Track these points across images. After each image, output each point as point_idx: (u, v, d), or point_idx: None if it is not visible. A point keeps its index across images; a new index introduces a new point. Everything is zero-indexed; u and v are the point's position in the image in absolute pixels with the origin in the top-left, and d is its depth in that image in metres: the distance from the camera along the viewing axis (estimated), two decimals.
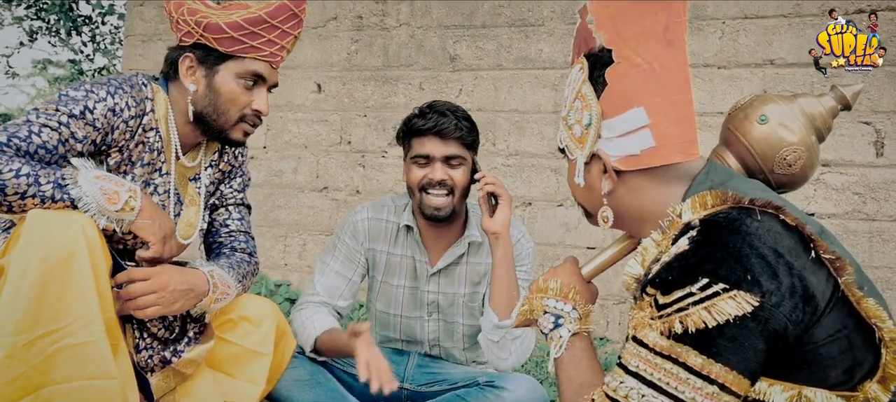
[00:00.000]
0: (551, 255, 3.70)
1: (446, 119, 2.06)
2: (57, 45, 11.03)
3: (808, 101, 1.33)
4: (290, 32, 1.83)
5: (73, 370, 1.50)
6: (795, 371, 1.06)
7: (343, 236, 2.27)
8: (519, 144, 3.78)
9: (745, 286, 1.01)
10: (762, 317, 1.01)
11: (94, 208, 1.55)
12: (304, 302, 2.24)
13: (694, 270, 1.05)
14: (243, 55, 1.77)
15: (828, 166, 3.30)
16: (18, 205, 1.51)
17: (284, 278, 4.22)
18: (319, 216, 4.19)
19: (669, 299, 1.05)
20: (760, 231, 1.06)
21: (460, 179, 2.10)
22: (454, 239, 2.23)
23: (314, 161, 4.21)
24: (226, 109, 1.79)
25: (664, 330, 1.05)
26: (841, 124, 3.27)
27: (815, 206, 3.31)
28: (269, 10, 1.77)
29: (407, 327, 2.28)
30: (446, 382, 2.21)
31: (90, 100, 1.66)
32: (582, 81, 1.25)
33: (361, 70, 4.11)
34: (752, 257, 1.03)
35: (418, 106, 2.15)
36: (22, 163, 1.52)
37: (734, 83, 3.43)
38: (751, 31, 3.43)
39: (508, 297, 2.01)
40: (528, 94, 3.79)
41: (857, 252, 3.24)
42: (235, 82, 1.78)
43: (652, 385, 1.05)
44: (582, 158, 1.26)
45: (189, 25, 1.76)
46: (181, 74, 1.79)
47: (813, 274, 1.06)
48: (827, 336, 1.05)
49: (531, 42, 3.79)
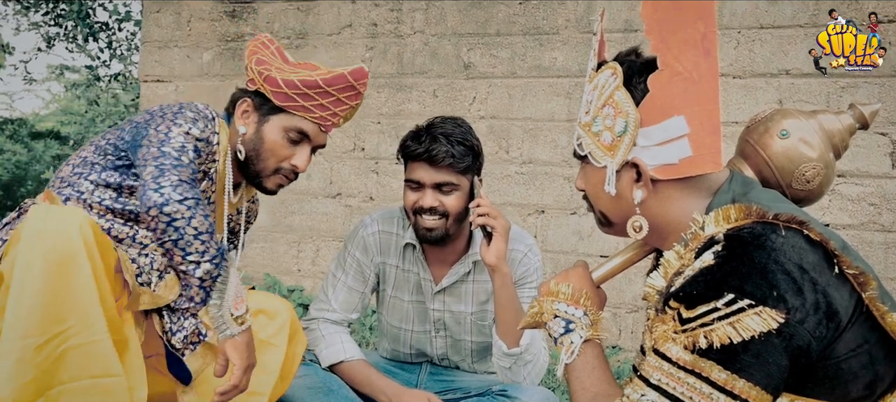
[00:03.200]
0: (564, 263, 3.70)
1: (437, 146, 1.99)
2: (74, 50, 11.14)
3: (827, 118, 1.33)
4: (347, 103, 1.91)
5: (79, 370, 1.53)
6: (817, 387, 1.06)
7: (353, 251, 2.25)
8: (532, 152, 3.78)
9: (771, 303, 1.01)
10: (787, 333, 1.01)
11: (225, 302, 1.62)
12: (320, 316, 2.24)
13: (719, 285, 1.04)
14: (294, 112, 1.85)
15: (843, 177, 3.29)
16: (184, 243, 1.59)
17: (297, 284, 4.23)
18: (333, 223, 4.21)
19: (694, 314, 1.05)
20: (785, 247, 1.06)
21: (453, 205, 2.04)
22: (457, 257, 2.19)
23: (328, 168, 4.23)
24: (266, 158, 1.87)
25: (688, 344, 1.05)
26: (857, 135, 3.24)
27: (831, 217, 3.29)
28: (327, 78, 1.86)
29: (417, 340, 2.28)
30: (460, 390, 2.20)
31: (193, 131, 1.74)
32: (615, 86, 1.21)
33: (375, 77, 4.13)
34: (777, 274, 1.03)
35: (418, 125, 2.10)
36: (207, 214, 1.63)
37: (749, 93, 3.42)
38: (766, 41, 3.42)
39: (514, 324, 1.97)
40: (541, 102, 3.79)
41: (873, 263, 3.22)
42: (281, 135, 1.86)
43: (674, 399, 1.05)
44: (613, 167, 1.23)
45: (254, 73, 1.86)
46: (236, 115, 1.89)
47: (836, 290, 1.06)
48: (848, 351, 1.05)
49: (545, 50, 3.80)
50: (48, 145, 11.13)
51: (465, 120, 2.12)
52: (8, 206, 8.19)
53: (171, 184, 1.60)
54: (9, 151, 10.34)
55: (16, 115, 15.40)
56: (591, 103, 1.27)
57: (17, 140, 10.98)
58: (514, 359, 2.01)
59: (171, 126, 1.71)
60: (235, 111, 1.89)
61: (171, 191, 1.59)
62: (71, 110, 14.75)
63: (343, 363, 2.14)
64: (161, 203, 1.57)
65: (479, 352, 2.26)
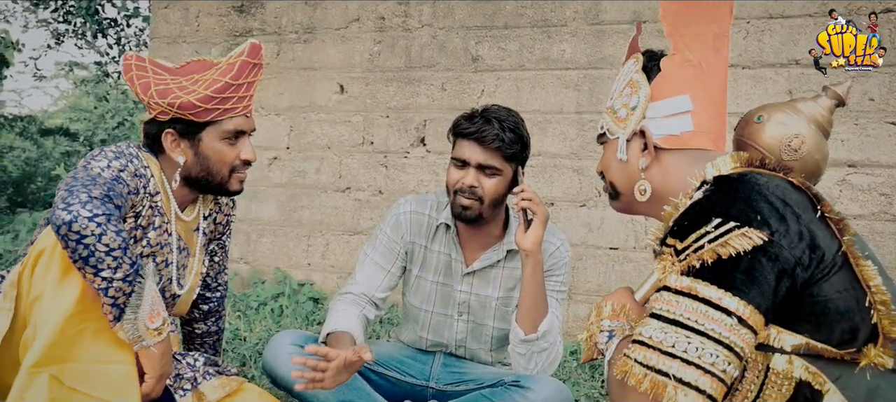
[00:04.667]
0: (574, 255, 3.70)
1: (489, 127, 2.04)
2: (83, 47, 11.18)
3: (803, 103, 1.44)
4: (254, 79, 1.93)
5: (92, 352, 1.59)
6: (803, 322, 1.12)
7: (385, 228, 2.28)
8: (541, 145, 3.78)
9: (755, 224, 1.10)
10: (772, 253, 1.09)
11: (140, 316, 1.61)
12: (344, 292, 2.26)
13: (707, 212, 1.14)
14: (220, 119, 1.87)
15: (854, 167, 3.28)
16: (95, 261, 1.55)
17: (307, 278, 4.24)
18: (342, 216, 4.22)
19: (686, 243, 1.14)
20: (769, 184, 1.17)
21: (491, 188, 2.08)
22: (492, 243, 2.23)
23: (337, 162, 4.24)
24: (218, 170, 1.90)
25: (684, 270, 1.13)
26: (868, 125, 3.25)
27: (842, 207, 3.28)
28: (233, 73, 1.87)
29: (436, 324, 2.29)
30: (473, 382, 2.21)
31: (114, 165, 1.74)
32: (636, 70, 1.41)
33: (384, 71, 4.13)
34: (761, 202, 1.13)
35: (473, 108, 2.14)
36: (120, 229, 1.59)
37: (759, 83, 3.41)
38: (776, 31, 3.40)
39: (536, 312, 2.02)
40: (550, 94, 3.79)
41: (884, 253, 3.21)
42: (220, 143, 1.89)
43: (675, 322, 1.12)
44: (624, 136, 1.40)
45: (162, 106, 1.84)
46: (167, 148, 1.89)
47: (819, 229, 1.15)
48: (835, 292, 1.12)
49: (554, 42, 3.79)
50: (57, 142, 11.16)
51: (518, 113, 2.17)
52: (18, 202, 8.23)
53: (79, 201, 1.55)
54: (19, 147, 10.38)
55: (25, 112, 15.48)
56: (616, 90, 1.46)
57: (27, 137, 11.02)
58: (530, 345, 2.04)
59: (89, 162, 1.72)
60: (165, 145, 1.88)
61: (80, 208, 1.54)
62: (80, 107, 14.82)
63: (329, 335, 2.11)
64: (68, 220, 1.52)
65: (499, 340, 2.27)
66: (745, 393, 1.13)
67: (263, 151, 4.35)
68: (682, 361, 1.09)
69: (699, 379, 1.08)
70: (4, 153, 9.75)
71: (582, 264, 3.71)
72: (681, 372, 1.09)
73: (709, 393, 1.08)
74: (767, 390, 1.12)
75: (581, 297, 3.72)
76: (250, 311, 3.85)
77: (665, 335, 1.11)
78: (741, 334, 1.09)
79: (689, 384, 1.08)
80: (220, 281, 2.24)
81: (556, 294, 2.19)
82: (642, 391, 1.11)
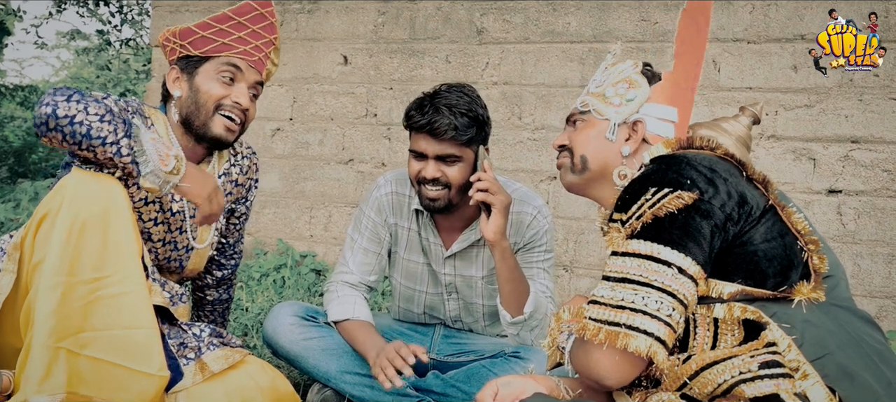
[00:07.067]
0: (575, 229, 3.71)
1: (440, 118, 1.97)
2: (85, 15, 11.12)
3: (726, 122, 1.52)
4: (264, 34, 1.95)
5: (111, 319, 1.59)
6: (737, 271, 1.24)
7: (368, 212, 2.27)
8: (545, 118, 3.78)
9: (686, 188, 1.24)
10: (704, 209, 1.23)
11: (152, 162, 1.63)
12: (338, 279, 2.27)
13: (644, 184, 1.28)
14: (218, 54, 1.89)
15: (857, 143, 3.27)
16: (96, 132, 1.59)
17: (310, 250, 4.26)
18: (345, 188, 4.22)
19: (629, 214, 1.28)
20: (698, 157, 1.31)
21: (456, 176, 2.03)
22: (468, 223, 2.21)
23: (340, 133, 4.23)
24: (204, 103, 1.88)
25: (627, 234, 1.27)
26: (872, 101, 3.24)
27: (844, 183, 3.29)
28: (234, 8, 1.92)
29: (431, 301, 2.31)
30: (473, 352, 2.23)
31: (110, 99, 1.77)
32: (634, 70, 1.55)
33: (388, 42, 4.11)
34: (691, 170, 1.27)
35: (423, 93, 2.08)
36: (97, 98, 1.65)
37: (764, 58, 3.40)
38: (781, 6, 3.38)
39: (517, 295, 2.02)
40: (555, 67, 3.78)
41: (886, 228, 3.22)
42: (215, 78, 1.89)
43: (622, 280, 1.24)
44: (617, 119, 1.52)
45: (171, 42, 1.90)
46: (169, 85, 1.92)
47: (747, 189, 1.29)
48: (762, 240, 1.25)
49: (559, 15, 3.77)
50: None
51: (472, 88, 2.09)
52: (19, 173, 8.23)
53: (49, 94, 1.60)
54: (20, 118, 10.37)
55: (26, 82, 15.43)
56: (605, 81, 1.57)
57: (28, 107, 11.01)
58: (520, 326, 2.04)
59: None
60: (168, 84, 1.92)
61: (51, 97, 1.58)
62: (81, 77, 14.75)
63: (348, 320, 2.16)
64: (50, 111, 1.57)
65: (491, 315, 2.28)
66: (701, 346, 1.25)
67: (266, 122, 4.35)
68: (631, 310, 1.21)
69: (647, 324, 1.19)
70: (6, 123, 9.74)
71: (584, 238, 3.72)
72: (630, 320, 1.20)
73: (657, 335, 1.19)
74: (721, 340, 1.24)
75: (582, 271, 3.73)
76: (252, 281, 3.86)
77: (614, 292, 1.24)
78: (682, 282, 1.21)
79: (638, 328, 1.20)
80: (238, 249, 2.26)
81: (541, 265, 2.18)
82: (597, 342, 1.23)
